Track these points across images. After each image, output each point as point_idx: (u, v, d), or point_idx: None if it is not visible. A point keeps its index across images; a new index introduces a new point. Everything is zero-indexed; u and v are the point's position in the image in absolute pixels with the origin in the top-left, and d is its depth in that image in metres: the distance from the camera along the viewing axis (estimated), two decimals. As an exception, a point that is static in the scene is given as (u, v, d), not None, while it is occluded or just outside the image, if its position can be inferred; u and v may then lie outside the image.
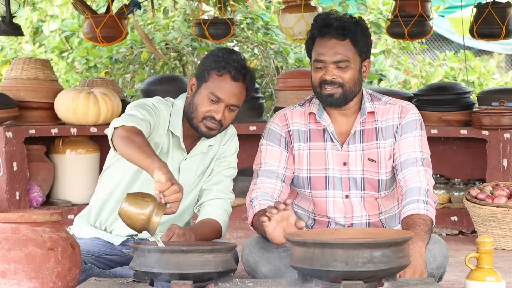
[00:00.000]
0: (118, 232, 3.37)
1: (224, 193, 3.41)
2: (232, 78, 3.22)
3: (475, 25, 5.64)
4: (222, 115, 3.24)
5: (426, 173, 3.23)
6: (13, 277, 2.67)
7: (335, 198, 3.33)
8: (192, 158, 3.38)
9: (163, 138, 3.31)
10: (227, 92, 3.22)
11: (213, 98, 3.23)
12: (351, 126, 3.31)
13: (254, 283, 2.70)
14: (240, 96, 3.26)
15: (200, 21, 5.97)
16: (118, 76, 7.92)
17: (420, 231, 3.03)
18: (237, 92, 3.24)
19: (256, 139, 3.47)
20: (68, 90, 5.43)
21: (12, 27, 5.80)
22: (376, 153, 3.31)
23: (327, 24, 3.21)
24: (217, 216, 3.35)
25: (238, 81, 3.23)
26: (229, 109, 3.25)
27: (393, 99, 3.38)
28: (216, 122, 3.24)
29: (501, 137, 5.18)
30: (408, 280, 2.71)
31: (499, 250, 4.73)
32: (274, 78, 7.34)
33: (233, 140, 3.47)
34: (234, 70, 3.22)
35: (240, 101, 3.27)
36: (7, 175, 5.13)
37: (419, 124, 3.31)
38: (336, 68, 3.20)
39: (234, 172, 3.47)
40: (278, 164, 3.32)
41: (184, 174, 3.37)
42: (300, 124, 3.35)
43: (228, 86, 3.22)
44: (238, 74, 3.22)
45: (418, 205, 3.13)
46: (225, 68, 3.22)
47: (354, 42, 3.21)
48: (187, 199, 3.41)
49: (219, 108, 3.23)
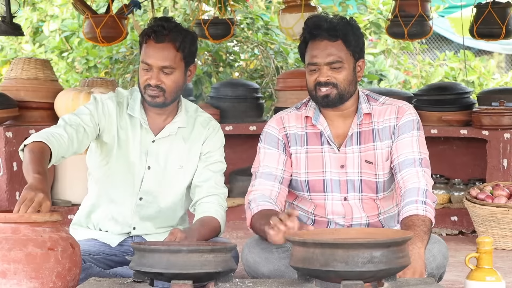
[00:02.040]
0: (113, 230, 3.37)
1: (216, 188, 3.38)
2: (155, 41, 3.24)
3: (475, 25, 5.65)
4: (157, 80, 3.24)
5: (424, 173, 3.22)
6: (13, 277, 2.67)
7: (333, 200, 3.32)
8: (161, 140, 3.36)
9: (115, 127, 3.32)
10: (153, 56, 3.23)
11: (144, 67, 3.26)
12: (348, 128, 3.31)
13: (254, 283, 2.70)
14: (168, 56, 3.24)
15: (200, 21, 5.97)
16: (118, 76, 7.92)
17: (419, 232, 3.03)
18: (165, 53, 3.23)
19: (256, 139, 3.46)
20: (68, 90, 5.44)
21: (12, 27, 5.80)
22: (373, 154, 3.30)
23: (318, 26, 3.21)
24: (213, 213, 3.33)
25: (162, 42, 3.23)
26: (164, 73, 3.25)
27: (390, 100, 3.37)
28: (154, 88, 3.24)
29: (501, 137, 5.18)
30: (408, 280, 2.71)
31: (499, 250, 4.73)
32: (274, 78, 7.34)
33: (217, 135, 3.44)
34: (154, 33, 3.23)
35: (172, 61, 3.25)
36: (7, 175, 5.13)
37: (416, 124, 3.31)
38: (329, 69, 3.20)
39: (222, 167, 3.45)
40: (276, 166, 3.32)
41: (153, 157, 3.35)
42: (297, 127, 3.35)
43: (153, 50, 3.24)
44: (160, 36, 3.23)
45: (417, 205, 3.13)
46: (147, 34, 3.25)
47: (346, 43, 3.21)
48: (172, 192, 3.39)
49: (152, 74, 3.24)
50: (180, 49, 3.26)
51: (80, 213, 3.47)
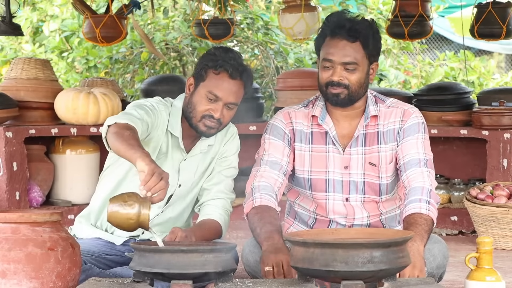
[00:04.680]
0: (119, 233, 3.37)
1: (224, 193, 3.41)
2: (229, 76, 3.23)
3: (476, 25, 5.64)
4: (220, 114, 3.24)
5: (429, 174, 3.24)
6: (13, 277, 2.67)
7: (335, 200, 3.33)
8: (192, 158, 3.38)
9: (162, 138, 3.32)
10: (225, 90, 3.23)
11: (211, 97, 3.23)
12: (354, 129, 3.31)
13: (254, 283, 2.70)
14: (238, 94, 3.27)
15: (200, 21, 5.97)
16: (118, 76, 7.92)
17: (420, 230, 3.04)
18: (235, 90, 3.25)
19: (256, 139, 3.47)
20: (68, 90, 5.43)
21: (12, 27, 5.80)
22: (377, 157, 3.30)
23: (340, 25, 3.20)
24: (217, 216, 3.35)
25: (235, 79, 3.24)
26: (228, 108, 3.26)
27: (397, 102, 3.37)
28: (215, 120, 3.25)
29: (501, 137, 5.18)
30: (408, 280, 2.71)
31: (499, 250, 4.73)
32: (274, 78, 7.34)
33: (234, 140, 3.47)
34: (231, 68, 3.22)
35: (238, 99, 3.28)
36: (7, 175, 5.13)
37: (421, 127, 3.31)
38: (343, 69, 3.20)
39: (235, 172, 3.47)
40: (281, 157, 3.32)
41: (184, 174, 3.37)
42: (303, 125, 3.35)
43: (226, 84, 3.23)
44: (236, 72, 3.23)
45: (420, 204, 3.14)
46: (222, 66, 3.23)
47: (364, 45, 3.20)
48: (186, 198, 3.41)
49: (217, 107, 3.24)
50: (245, 89, 3.30)
51: (91, 208, 3.44)
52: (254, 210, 3.20)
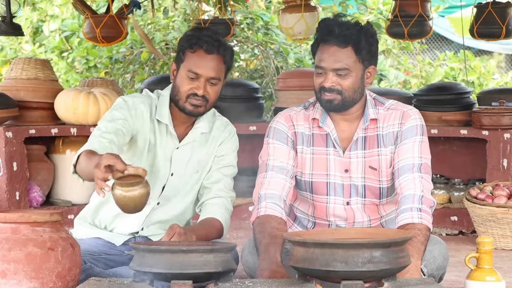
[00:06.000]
0: (120, 230, 3.37)
1: (225, 191, 3.41)
2: (205, 51, 3.25)
3: (475, 25, 5.65)
4: (204, 90, 3.26)
5: (421, 179, 3.17)
6: (13, 277, 2.67)
7: (335, 204, 3.31)
8: (185, 146, 3.37)
9: (147, 129, 3.32)
10: (204, 66, 3.25)
11: (191, 76, 3.25)
12: (353, 132, 3.28)
13: (254, 283, 2.70)
14: (218, 68, 3.27)
15: (200, 21, 5.97)
16: (118, 76, 7.93)
17: (416, 243, 2.99)
18: (213, 64, 3.26)
19: (256, 139, 3.47)
20: (68, 90, 5.44)
21: (12, 27, 5.81)
22: (377, 160, 3.28)
23: (329, 30, 3.17)
24: (218, 215, 3.35)
25: (212, 53, 3.25)
26: (211, 83, 3.27)
27: (396, 104, 3.33)
28: (199, 98, 3.26)
29: (501, 137, 5.18)
30: (408, 280, 2.71)
31: (499, 250, 4.73)
32: (274, 78, 7.34)
33: (232, 138, 3.46)
34: (206, 44, 3.25)
35: (219, 73, 3.28)
36: (7, 175, 5.13)
37: (419, 129, 3.26)
38: (335, 75, 3.16)
39: (234, 171, 3.47)
40: (287, 161, 3.29)
41: (176, 163, 3.37)
42: (304, 127, 3.33)
43: (203, 60, 3.25)
44: (211, 47, 3.25)
45: (412, 213, 3.09)
46: (197, 43, 3.25)
47: (356, 50, 3.15)
48: (187, 197, 3.41)
49: (199, 84, 3.26)
50: (226, 64, 3.30)
51: (88, 207, 3.45)
52: (258, 220, 3.19)
